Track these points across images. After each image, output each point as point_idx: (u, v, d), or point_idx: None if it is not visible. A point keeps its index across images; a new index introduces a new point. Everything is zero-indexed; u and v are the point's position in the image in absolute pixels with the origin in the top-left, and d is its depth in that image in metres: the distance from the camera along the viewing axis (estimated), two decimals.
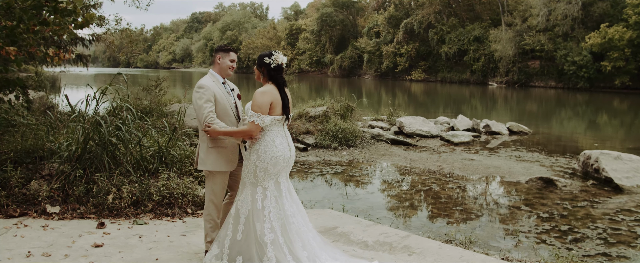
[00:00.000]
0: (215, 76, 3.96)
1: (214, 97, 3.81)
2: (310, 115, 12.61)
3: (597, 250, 5.54)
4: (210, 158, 3.85)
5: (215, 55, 4.00)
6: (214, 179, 3.91)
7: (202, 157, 3.87)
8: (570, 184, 8.43)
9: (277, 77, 3.75)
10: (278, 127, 3.76)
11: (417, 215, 6.88)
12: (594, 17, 41.05)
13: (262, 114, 3.64)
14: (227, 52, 3.98)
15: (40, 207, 5.15)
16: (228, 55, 3.97)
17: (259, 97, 3.65)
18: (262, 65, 3.76)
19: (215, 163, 3.85)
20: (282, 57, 3.76)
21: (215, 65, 3.99)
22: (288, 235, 3.66)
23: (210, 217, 3.97)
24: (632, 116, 22.97)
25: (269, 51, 3.78)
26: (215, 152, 3.85)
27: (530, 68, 44.79)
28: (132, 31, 19.46)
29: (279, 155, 3.70)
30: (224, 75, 3.99)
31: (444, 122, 15.13)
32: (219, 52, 3.99)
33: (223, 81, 3.98)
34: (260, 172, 3.67)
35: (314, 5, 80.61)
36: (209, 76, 3.95)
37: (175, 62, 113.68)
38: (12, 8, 5.35)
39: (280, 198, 3.74)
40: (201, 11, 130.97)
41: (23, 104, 7.03)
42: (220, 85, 3.92)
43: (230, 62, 3.97)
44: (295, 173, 9.14)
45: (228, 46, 4.02)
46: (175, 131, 6.71)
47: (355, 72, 63.71)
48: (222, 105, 3.84)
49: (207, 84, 3.82)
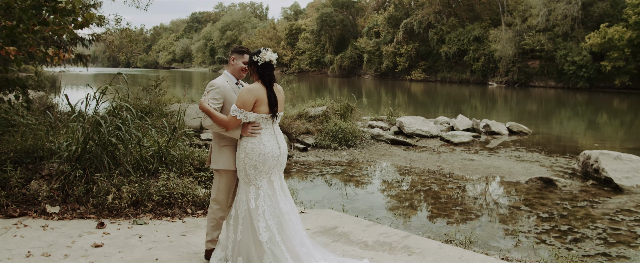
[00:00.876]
0: (229, 76, 4.01)
1: (224, 97, 3.85)
2: (310, 115, 12.61)
3: (596, 250, 5.54)
4: (222, 157, 3.89)
5: (230, 57, 4.06)
6: (222, 178, 3.94)
7: (215, 156, 3.92)
8: (570, 184, 8.43)
9: (264, 75, 3.77)
10: (266, 125, 3.78)
11: (417, 215, 6.88)
12: (594, 17, 41.07)
13: (245, 110, 3.66)
14: (242, 55, 4.02)
15: (40, 207, 5.14)
16: (242, 57, 4.01)
17: (244, 94, 3.69)
18: (252, 64, 3.79)
19: (225, 162, 3.89)
20: (270, 54, 3.77)
21: (229, 66, 4.05)
22: (285, 232, 3.67)
23: (213, 215, 3.99)
24: (632, 116, 22.98)
25: (258, 50, 3.81)
26: (227, 150, 3.89)
27: (530, 68, 44.81)
28: (132, 31, 19.44)
29: (267, 152, 3.71)
30: (237, 76, 4.04)
31: (444, 122, 15.13)
32: (233, 54, 4.04)
33: (236, 82, 4.02)
34: (250, 170, 3.69)
35: (313, 5, 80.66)
36: (223, 76, 4.00)
37: (175, 62, 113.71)
38: (12, 8, 5.35)
39: (274, 197, 3.75)
40: (201, 11, 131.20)
41: (23, 104, 7.03)
42: (233, 86, 3.96)
43: (243, 64, 4.00)
44: (295, 173, 9.14)
45: (243, 49, 4.05)
46: (175, 131, 6.71)
47: (355, 72, 63.71)
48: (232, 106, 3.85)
49: (218, 83, 3.87)
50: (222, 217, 4.01)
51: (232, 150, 3.90)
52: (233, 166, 3.88)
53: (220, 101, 3.82)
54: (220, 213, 3.99)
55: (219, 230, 4.05)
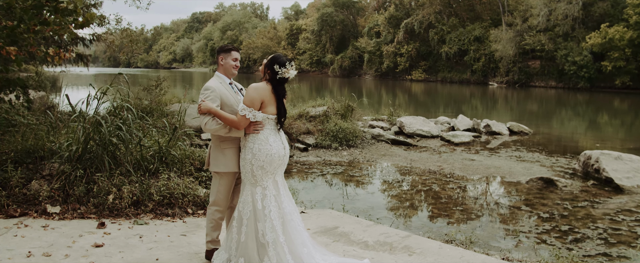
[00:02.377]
0: (221, 77, 3.96)
1: (221, 98, 3.81)
2: (310, 115, 12.61)
3: (597, 250, 5.54)
4: (221, 159, 3.87)
5: (218, 57, 4.00)
6: (222, 180, 3.92)
7: (215, 158, 3.89)
8: (570, 184, 8.42)
9: (278, 88, 3.76)
10: (271, 126, 3.77)
11: (418, 215, 6.87)
12: (595, 17, 41.03)
13: (253, 109, 3.65)
14: (229, 52, 3.96)
15: (40, 207, 5.15)
16: (230, 54, 3.96)
17: (252, 92, 3.67)
18: (270, 68, 3.74)
19: (227, 164, 3.87)
20: (292, 72, 3.74)
21: (219, 66, 3.99)
22: (289, 233, 3.67)
23: (213, 217, 3.98)
24: (633, 116, 22.96)
25: (286, 58, 3.75)
26: (229, 152, 3.87)
27: (530, 68, 44.78)
28: (133, 31, 19.40)
29: (274, 153, 3.71)
30: (229, 75, 3.99)
31: (445, 122, 15.12)
32: (220, 53, 3.98)
33: (230, 82, 3.98)
34: (258, 171, 3.68)
35: (314, 5, 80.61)
36: (215, 78, 3.95)
37: (175, 62, 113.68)
38: (13, 8, 5.36)
39: (279, 197, 3.76)
40: (201, 11, 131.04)
41: (23, 104, 7.02)
42: (227, 86, 3.92)
43: (233, 62, 3.96)
44: (295, 173, 9.14)
45: (229, 45, 4.00)
46: (175, 131, 6.71)
47: (356, 72, 63.69)
48: (229, 107, 3.82)
49: (213, 86, 3.83)
50: (222, 217, 4.01)
51: (235, 152, 3.87)
52: (234, 168, 3.86)
53: (217, 103, 3.78)
54: (219, 215, 3.98)
55: (219, 231, 4.04)
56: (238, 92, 4.01)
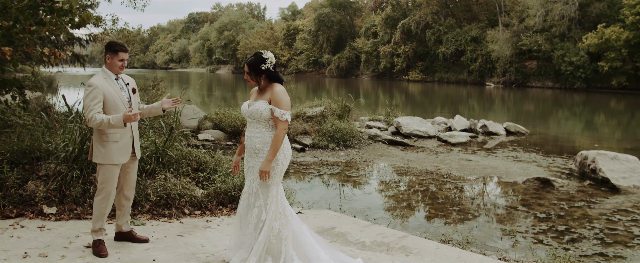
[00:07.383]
0: (107, 73, 4.07)
1: (104, 95, 3.93)
2: (307, 115, 12.60)
3: (594, 250, 5.56)
4: (102, 151, 4.01)
5: (105, 55, 4.08)
6: (105, 171, 4.05)
7: (95, 150, 4.03)
8: (567, 184, 8.44)
9: (278, 76, 3.80)
10: None
11: (415, 216, 6.88)
12: (591, 17, 41.17)
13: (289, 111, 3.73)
14: (116, 53, 4.05)
15: (37, 207, 5.13)
16: (117, 55, 4.05)
17: (283, 96, 3.70)
18: (262, 73, 3.71)
19: (107, 156, 4.00)
20: (270, 54, 3.77)
21: (106, 63, 4.09)
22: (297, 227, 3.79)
23: (98, 207, 4.10)
24: (629, 116, 23.05)
25: (259, 57, 3.70)
26: (107, 146, 4.00)
27: (527, 68, 44.89)
28: (129, 31, 19.36)
29: (290, 151, 3.88)
30: (115, 72, 4.10)
31: (442, 123, 15.14)
32: (108, 52, 4.06)
33: (116, 77, 4.09)
34: (282, 170, 3.79)
35: (311, 6, 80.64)
36: (101, 74, 4.06)
37: (172, 63, 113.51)
38: (8, 8, 5.34)
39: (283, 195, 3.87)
40: (198, 11, 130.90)
41: (20, 105, 7.01)
42: (112, 82, 4.04)
43: (119, 62, 4.06)
44: (292, 173, 9.13)
45: (116, 46, 4.04)
46: (172, 131, 6.70)
47: (353, 72, 63.72)
48: (112, 101, 3.97)
49: (96, 83, 3.92)
50: (109, 208, 4.14)
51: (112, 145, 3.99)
52: (114, 160, 4.00)
53: (100, 99, 3.90)
54: (106, 204, 4.11)
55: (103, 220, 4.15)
56: (124, 87, 4.14)
